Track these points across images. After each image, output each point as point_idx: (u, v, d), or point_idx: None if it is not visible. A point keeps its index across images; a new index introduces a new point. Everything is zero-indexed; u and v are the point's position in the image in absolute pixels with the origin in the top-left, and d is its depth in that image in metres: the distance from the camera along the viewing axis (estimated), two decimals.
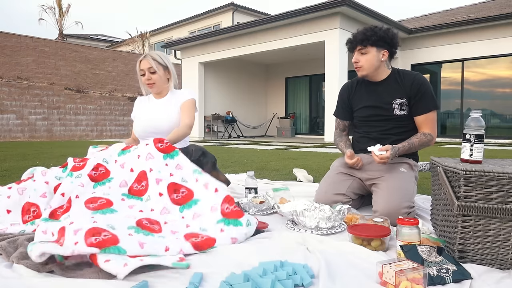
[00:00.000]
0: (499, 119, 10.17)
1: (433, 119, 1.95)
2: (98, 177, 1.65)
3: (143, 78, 2.19)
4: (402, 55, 10.91)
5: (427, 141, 1.93)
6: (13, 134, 11.30)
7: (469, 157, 1.37)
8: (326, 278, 1.10)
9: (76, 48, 14.51)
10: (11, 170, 3.67)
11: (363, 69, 1.98)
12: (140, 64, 2.19)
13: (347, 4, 8.45)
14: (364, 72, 1.99)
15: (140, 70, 2.20)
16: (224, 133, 13.16)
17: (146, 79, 2.18)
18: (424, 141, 1.92)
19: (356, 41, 1.96)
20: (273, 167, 4.06)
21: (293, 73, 13.77)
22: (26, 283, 1.07)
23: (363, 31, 1.95)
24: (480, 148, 1.36)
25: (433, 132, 1.94)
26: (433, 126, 1.95)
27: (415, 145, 1.91)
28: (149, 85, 2.20)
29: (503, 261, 1.21)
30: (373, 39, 1.92)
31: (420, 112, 1.94)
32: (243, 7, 18.03)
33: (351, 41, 1.99)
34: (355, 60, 1.99)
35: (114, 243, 1.15)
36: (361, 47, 1.95)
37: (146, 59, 2.17)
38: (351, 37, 2.00)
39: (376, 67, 1.97)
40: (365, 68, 1.97)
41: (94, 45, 19.58)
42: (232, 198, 1.56)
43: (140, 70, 2.20)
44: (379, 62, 1.97)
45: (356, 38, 1.96)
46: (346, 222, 1.70)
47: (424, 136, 1.93)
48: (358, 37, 1.95)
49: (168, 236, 1.35)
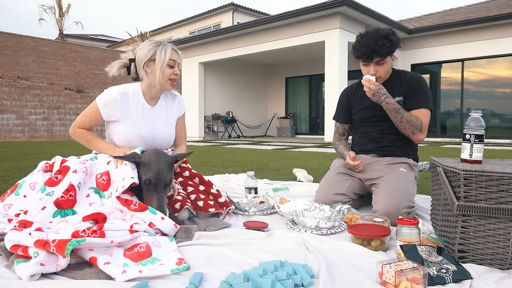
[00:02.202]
0: (499, 119, 10.17)
1: (425, 116, 1.93)
2: (64, 203, 1.48)
3: (171, 71, 1.76)
4: (402, 55, 10.90)
5: (415, 124, 1.88)
6: (13, 134, 11.30)
7: (469, 157, 1.37)
8: (326, 278, 1.10)
9: (76, 48, 14.51)
10: (11, 170, 3.67)
11: (380, 78, 1.96)
12: (172, 54, 1.76)
13: (347, 4, 8.45)
14: (381, 81, 1.97)
15: (172, 60, 1.76)
16: (224, 133, 13.16)
17: (175, 74, 1.78)
18: (413, 121, 1.88)
19: (377, 54, 1.85)
20: (273, 167, 4.06)
21: (293, 73, 13.77)
22: (26, 283, 1.07)
23: (381, 42, 1.82)
24: (480, 148, 1.36)
25: (424, 126, 1.92)
26: (425, 123, 1.93)
27: (404, 115, 1.87)
28: (173, 81, 1.79)
29: (503, 261, 1.21)
30: (392, 49, 1.87)
31: (413, 107, 1.93)
32: (243, 7, 18.02)
33: (368, 53, 1.86)
34: (374, 72, 1.90)
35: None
36: (380, 58, 1.87)
37: (177, 52, 1.80)
38: (368, 48, 1.84)
39: (389, 73, 1.99)
40: (382, 77, 1.96)
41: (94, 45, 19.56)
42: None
43: (171, 61, 1.76)
44: (391, 67, 1.98)
45: (377, 51, 1.84)
46: (346, 222, 1.71)
47: (415, 119, 1.89)
48: (381, 51, 1.83)
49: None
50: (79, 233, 1.22)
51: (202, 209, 1.79)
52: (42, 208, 1.44)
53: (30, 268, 1.09)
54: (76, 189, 1.52)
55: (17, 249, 1.19)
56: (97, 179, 1.59)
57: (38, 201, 1.47)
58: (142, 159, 1.60)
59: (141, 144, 1.79)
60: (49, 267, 1.12)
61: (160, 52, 1.74)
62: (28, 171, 3.37)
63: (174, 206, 1.68)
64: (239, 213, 1.96)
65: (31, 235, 1.22)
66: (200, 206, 1.79)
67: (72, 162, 1.63)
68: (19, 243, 1.19)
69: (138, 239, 1.31)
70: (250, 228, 1.61)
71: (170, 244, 1.34)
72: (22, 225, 1.35)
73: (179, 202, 1.70)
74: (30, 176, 1.65)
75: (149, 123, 1.80)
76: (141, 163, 1.58)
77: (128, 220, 1.46)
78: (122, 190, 1.47)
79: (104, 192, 1.57)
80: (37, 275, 1.10)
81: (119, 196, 1.47)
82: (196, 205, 1.79)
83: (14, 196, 1.57)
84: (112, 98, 1.73)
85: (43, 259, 1.13)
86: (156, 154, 1.63)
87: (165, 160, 1.61)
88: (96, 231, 1.25)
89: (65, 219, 1.44)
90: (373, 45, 1.83)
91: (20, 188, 1.59)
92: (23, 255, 1.18)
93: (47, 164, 1.69)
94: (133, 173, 1.54)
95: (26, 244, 1.17)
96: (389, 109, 1.88)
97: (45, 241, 1.15)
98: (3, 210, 1.53)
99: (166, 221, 1.45)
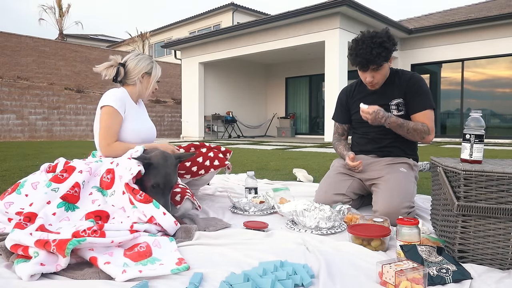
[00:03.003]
0: (499, 119, 10.17)
1: (430, 117, 1.92)
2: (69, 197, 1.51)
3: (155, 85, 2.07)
4: (402, 55, 10.91)
5: (422, 129, 1.87)
6: (13, 134, 11.30)
7: (469, 157, 1.37)
8: (326, 278, 1.10)
9: (76, 48, 14.51)
10: (11, 170, 3.67)
11: (378, 84, 1.96)
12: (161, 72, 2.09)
13: (347, 4, 8.45)
14: (378, 86, 1.97)
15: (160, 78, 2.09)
16: (224, 133, 13.16)
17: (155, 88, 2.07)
18: (419, 128, 1.86)
19: (372, 64, 1.83)
20: (273, 167, 4.06)
21: (293, 73, 13.77)
22: (26, 283, 1.07)
23: (376, 52, 1.79)
24: (480, 148, 1.36)
25: (431, 128, 1.91)
26: (431, 124, 1.92)
27: (409, 126, 1.86)
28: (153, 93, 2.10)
29: (503, 261, 1.21)
30: (388, 56, 1.86)
31: (417, 110, 1.92)
32: (243, 7, 18.03)
33: (363, 63, 1.84)
34: (371, 78, 1.90)
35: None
36: (376, 66, 1.86)
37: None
38: (363, 59, 1.82)
39: (387, 76, 1.98)
40: (380, 83, 1.96)
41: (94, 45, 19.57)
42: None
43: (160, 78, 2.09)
44: (389, 70, 1.98)
45: (372, 61, 1.82)
46: (346, 222, 1.71)
47: (421, 125, 1.88)
48: (376, 61, 1.81)
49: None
50: (79, 233, 1.23)
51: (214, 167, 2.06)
52: (47, 202, 1.46)
53: (30, 268, 1.09)
54: (81, 186, 1.55)
55: (17, 248, 1.19)
56: (102, 177, 1.62)
57: (43, 194, 1.49)
58: (152, 160, 1.62)
59: (141, 137, 1.95)
60: (49, 267, 1.12)
61: (155, 68, 2.03)
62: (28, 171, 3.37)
63: (175, 199, 1.71)
64: (239, 213, 1.96)
65: (32, 235, 1.22)
66: (207, 166, 2.05)
67: (77, 163, 1.65)
68: (20, 242, 1.19)
69: (138, 239, 1.31)
70: (250, 228, 1.61)
71: (170, 244, 1.34)
72: (27, 219, 1.36)
73: (178, 194, 1.73)
74: (32, 176, 1.66)
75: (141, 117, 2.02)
76: (151, 165, 1.61)
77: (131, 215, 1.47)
78: (131, 177, 1.50)
79: (107, 191, 1.59)
80: (37, 275, 1.10)
81: (128, 183, 1.50)
82: (206, 168, 2.06)
83: (15, 195, 1.57)
84: (119, 96, 1.89)
85: (43, 259, 1.13)
86: (163, 157, 1.64)
87: (171, 163, 1.65)
88: (96, 231, 1.25)
89: (67, 215, 1.45)
90: (368, 55, 1.80)
91: (22, 187, 1.59)
92: (23, 255, 1.18)
93: (50, 165, 1.71)
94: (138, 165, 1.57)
95: (27, 243, 1.17)
96: (393, 127, 1.88)
97: (45, 241, 1.15)
98: (3, 208, 1.52)
99: (167, 217, 1.47)
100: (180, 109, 14.30)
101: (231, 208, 2.05)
